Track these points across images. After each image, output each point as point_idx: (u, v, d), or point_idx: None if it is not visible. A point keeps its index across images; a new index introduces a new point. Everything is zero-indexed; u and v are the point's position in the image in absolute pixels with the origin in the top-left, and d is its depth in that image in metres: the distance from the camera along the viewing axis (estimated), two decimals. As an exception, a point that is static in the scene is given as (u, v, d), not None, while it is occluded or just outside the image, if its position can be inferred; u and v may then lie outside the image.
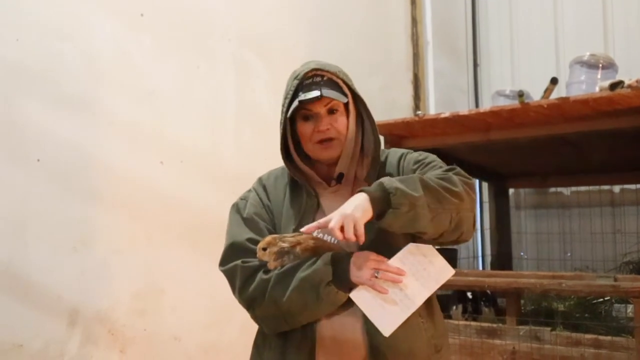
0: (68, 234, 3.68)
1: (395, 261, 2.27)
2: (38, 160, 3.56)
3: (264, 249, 2.32)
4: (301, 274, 2.26)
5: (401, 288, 2.24)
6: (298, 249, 2.32)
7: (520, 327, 4.08)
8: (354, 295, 2.25)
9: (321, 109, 2.45)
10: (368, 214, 2.16)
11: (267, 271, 2.33)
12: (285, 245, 2.31)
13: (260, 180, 2.66)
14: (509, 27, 6.61)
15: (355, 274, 2.24)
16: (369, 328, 2.28)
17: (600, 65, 4.45)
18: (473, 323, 4.27)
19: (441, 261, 2.33)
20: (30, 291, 3.51)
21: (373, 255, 2.28)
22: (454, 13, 6.85)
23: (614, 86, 3.77)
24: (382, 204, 2.17)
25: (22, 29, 3.55)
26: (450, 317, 4.56)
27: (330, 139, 2.46)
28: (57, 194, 3.64)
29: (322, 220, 2.19)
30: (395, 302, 2.24)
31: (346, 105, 2.50)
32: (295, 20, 5.20)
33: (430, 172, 2.40)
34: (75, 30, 3.79)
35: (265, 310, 2.33)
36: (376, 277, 2.22)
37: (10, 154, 3.46)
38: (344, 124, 2.48)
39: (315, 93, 2.39)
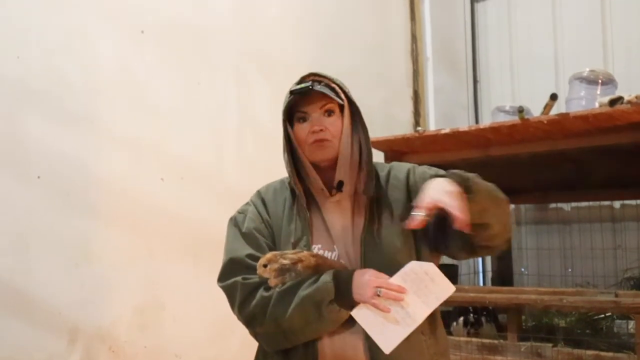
0: (69, 250, 3.67)
1: (397, 279, 2.27)
2: (39, 177, 3.56)
3: (265, 266, 2.30)
4: (303, 292, 2.25)
5: (402, 306, 2.23)
6: (299, 266, 2.30)
7: (521, 343, 4.07)
8: (356, 313, 2.25)
9: (316, 111, 2.44)
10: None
11: (267, 288, 2.31)
12: (286, 262, 2.29)
13: (259, 193, 2.62)
14: (508, 43, 6.64)
15: (357, 293, 2.23)
16: (371, 345, 2.27)
17: (600, 81, 4.46)
18: (474, 339, 4.26)
19: (442, 279, 2.31)
20: (31, 307, 3.50)
21: (375, 273, 2.27)
22: (453, 29, 6.88)
23: (613, 102, 3.78)
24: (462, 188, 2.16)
25: (23, 46, 3.56)
26: (451, 334, 4.55)
27: (324, 140, 2.43)
28: (58, 210, 3.64)
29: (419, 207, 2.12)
30: (397, 320, 2.23)
31: (342, 111, 2.48)
32: (296, 36, 5.22)
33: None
34: (76, 46, 3.80)
35: (266, 327, 2.31)
36: (378, 295, 2.21)
37: (11, 170, 3.46)
38: (338, 127, 2.45)
39: (305, 84, 2.41)
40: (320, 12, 5.50)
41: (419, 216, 2.13)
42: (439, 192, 2.13)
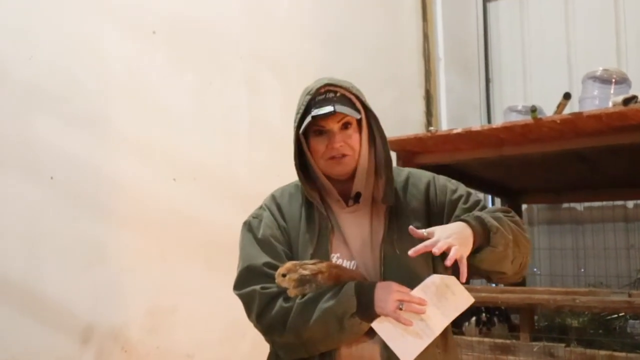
0: (81, 251, 3.68)
1: (418, 291, 2.26)
2: (51, 177, 3.57)
3: (284, 275, 2.28)
4: (324, 304, 2.23)
5: (422, 317, 2.23)
6: (320, 277, 2.28)
7: (533, 343, 4.06)
8: (376, 325, 2.24)
9: (334, 125, 2.40)
10: (469, 248, 2.18)
11: (287, 298, 2.28)
12: (306, 273, 2.27)
13: (273, 198, 2.58)
14: (521, 43, 6.62)
15: (379, 306, 2.22)
16: (389, 355, 2.26)
17: (613, 80, 4.44)
18: (486, 339, 4.25)
19: (462, 291, 2.33)
20: (44, 308, 3.51)
21: (396, 286, 2.25)
22: (465, 29, 6.86)
23: (627, 101, 3.76)
24: (482, 239, 2.21)
25: (35, 47, 3.57)
26: (463, 334, 4.54)
27: (343, 155, 2.40)
28: (70, 212, 3.65)
29: (427, 243, 2.14)
30: (416, 331, 2.23)
31: (359, 121, 2.45)
32: (308, 37, 5.22)
33: (498, 213, 2.39)
34: (88, 48, 3.81)
35: (286, 338, 2.29)
36: (400, 309, 2.20)
37: (24, 171, 3.47)
38: (357, 140, 2.43)
39: (328, 108, 2.34)
40: (331, 13, 5.50)
41: (420, 249, 2.16)
42: (452, 237, 2.15)
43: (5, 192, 3.40)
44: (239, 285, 2.40)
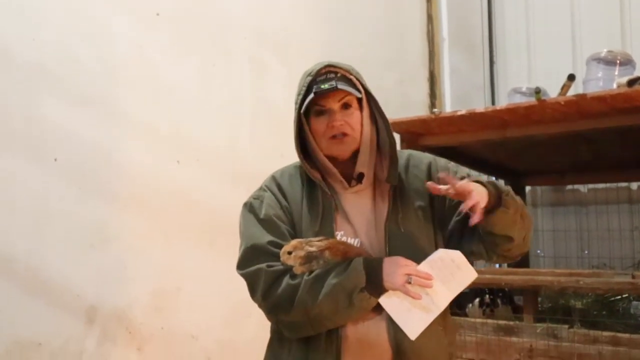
0: (86, 233, 3.69)
1: (424, 266, 2.28)
2: (55, 159, 3.58)
3: (290, 253, 2.29)
4: (333, 280, 2.24)
5: (427, 292, 2.25)
6: (327, 253, 2.28)
7: (537, 324, 4.07)
8: (383, 300, 2.26)
9: (335, 104, 2.42)
10: (485, 202, 2.22)
11: (293, 276, 2.28)
12: (313, 249, 2.27)
13: (274, 178, 2.58)
14: (525, 24, 6.58)
15: (388, 280, 2.23)
16: (395, 331, 2.29)
17: (618, 61, 4.42)
18: (490, 321, 4.26)
19: (467, 265, 2.35)
20: (49, 289, 3.53)
21: (403, 261, 2.28)
22: (469, 10, 6.83)
23: (631, 82, 3.75)
24: (495, 201, 2.25)
25: (39, 29, 3.57)
26: (467, 315, 4.55)
27: (344, 134, 2.42)
28: (74, 193, 3.66)
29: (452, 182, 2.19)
30: (422, 306, 2.25)
31: (359, 102, 2.47)
32: (311, 18, 5.20)
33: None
34: (92, 29, 3.80)
35: (293, 316, 2.29)
36: (409, 283, 2.22)
37: (28, 153, 3.48)
38: (357, 120, 2.45)
39: (331, 84, 2.37)
40: (335, -6, 5.49)
41: (443, 188, 2.19)
42: (473, 187, 2.19)
43: (10, 174, 3.41)
44: (243, 264, 2.40)
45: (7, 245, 3.39)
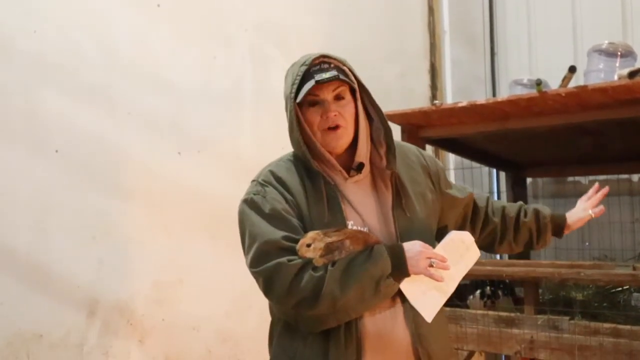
0: (87, 224, 3.70)
1: (439, 249, 2.34)
2: (56, 151, 3.58)
3: (308, 245, 2.26)
4: (360, 268, 2.24)
5: (442, 274, 2.29)
6: (348, 243, 2.28)
7: (538, 316, 4.06)
8: (403, 285, 2.30)
9: (328, 95, 2.42)
10: None
11: (315, 268, 2.25)
12: (332, 239, 2.26)
13: (272, 173, 2.52)
14: (526, 16, 6.57)
15: (412, 264, 2.27)
16: (414, 317, 2.34)
17: (619, 53, 4.41)
18: (491, 312, 4.25)
19: (474, 245, 2.43)
20: (50, 281, 3.53)
21: (423, 245, 2.31)
22: (471, 2, 6.81)
23: (632, 74, 3.74)
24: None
25: (40, 21, 3.57)
26: (468, 307, 4.55)
27: (337, 127, 2.42)
28: (75, 185, 3.66)
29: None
30: (435, 288, 2.31)
31: (352, 94, 2.48)
32: (312, 10, 5.20)
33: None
34: (93, 21, 3.81)
35: (318, 308, 2.26)
36: (432, 266, 2.25)
37: (29, 144, 3.49)
38: (351, 112, 2.46)
39: (332, 73, 2.37)
40: (336, -15, 5.48)
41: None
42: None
43: (11, 166, 3.42)
44: (257, 262, 2.33)
45: (8, 237, 3.40)
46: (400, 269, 2.26)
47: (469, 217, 2.77)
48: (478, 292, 4.74)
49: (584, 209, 2.95)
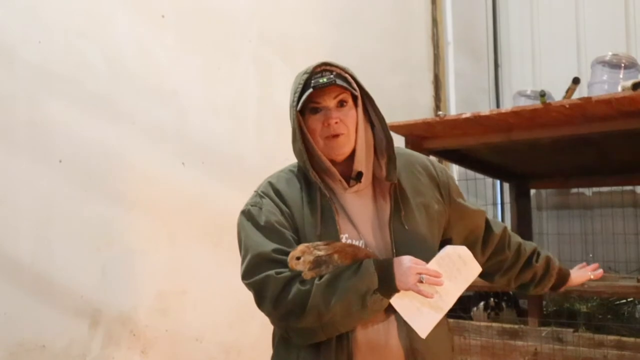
0: (90, 234, 3.70)
1: (433, 264, 2.27)
2: (60, 161, 3.59)
3: (298, 258, 2.25)
4: (346, 283, 2.22)
5: (437, 290, 2.25)
6: (337, 257, 2.26)
7: (542, 328, 4.06)
8: (394, 301, 2.25)
9: (330, 102, 2.40)
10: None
11: (303, 282, 2.25)
12: (321, 253, 2.24)
13: (270, 184, 2.52)
14: (530, 27, 6.58)
15: (400, 280, 2.22)
16: (407, 332, 2.30)
17: (623, 65, 4.42)
18: (495, 324, 4.25)
19: (473, 261, 2.36)
20: (53, 291, 3.53)
21: (413, 260, 2.25)
22: (474, 13, 6.83)
23: (636, 86, 3.75)
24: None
25: (45, 31, 3.58)
26: (471, 318, 4.55)
27: (338, 135, 2.39)
28: (79, 195, 3.66)
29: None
30: (431, 305, 2.26)
31: (355, 101, 2.45)
32: (317, 20, 5.21)
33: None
34: (98, 31, 3.81)
35: (305, 321, 2.26)
36: (422, 282, 2.20)
37: (33, 154, 3.49)
38: (353, 119, 2.42)
39: (329, 78, 2.36)
40: (341, -3, 5.49)
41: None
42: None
43: (15, 175, 3.42)
44: (248, 274, 2.34)
45: (11, 246, 3.40)
46: (388, 284, 2.22)
47: (479, 238, 2.70)
48: (482, 303, 4.74)
49: (584, 271, 2.98)
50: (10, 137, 3.43)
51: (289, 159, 2.57)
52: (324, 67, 2.44)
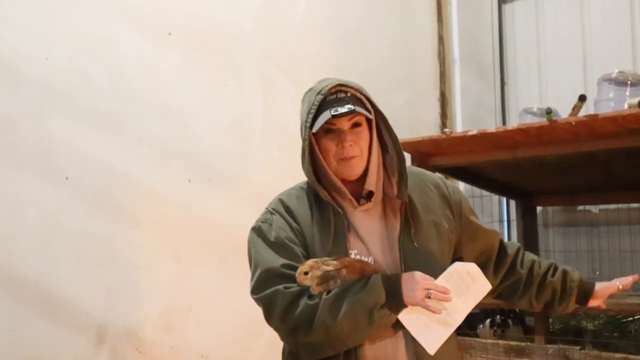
0: (96, 251, 3.70)
1: (441, 280, 2.27)
2: (67, 178, 3.59)
3: (306, 273, 2.26)
4: (354, 297, 2.22)
5: (445, 306, 2.25)
6: (344, 272, 2.27)
7: (548, 346, 4.05)
8: (402, 316, 2.25)
9: (345, 124, 2.40)
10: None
11: (311, 296, 2.26)
12: (329, 268, 2.25)
13: (281, 201, 2.54)
14: (536, 45, 6.59)
15: (408, 295, 2.22)
16: (416, 348, 2.30)
17: (629, 82, 4.42)
18: (501, 342, 4.24)
19: (482, 277, 2.36)
20: (58, 308, 3.53)
21: (421, 276, 2.25)
22: (480, 31, 6.84)
23: (643, 103, 3.75)
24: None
25: (51, 48, 3.59)
26: (477, 335, 4.53)
27: (352, 157, 2.41)
28: (85, 211, 3.67)
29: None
30: (440, 321, 2.26)
31: (369, 122, 2.46)
32: (323, 38, 5.21)
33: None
34: (104, 49, 3.83)
35: (313, 336, 2.26)
36: (429, 297, 2.20)
37: (39, 171, 3.50)
38: (366, 140, 2.43)
39: (348, 107, 2.35)
40: (346, 14, 5.49)
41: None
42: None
43: (21, 192, 3.43)
44: (257, 289, 2.35)
45: (17, 263, 3.40)
46: (396, 298, 2.22)
47: (492, 259, 2.68)
48: (488, 321, 4.73)
49: (612, 282, 2.82)
50: (16, 154, 3.44)
51: (296, 176, 2.57)
52: (338, 88, 2.44)
